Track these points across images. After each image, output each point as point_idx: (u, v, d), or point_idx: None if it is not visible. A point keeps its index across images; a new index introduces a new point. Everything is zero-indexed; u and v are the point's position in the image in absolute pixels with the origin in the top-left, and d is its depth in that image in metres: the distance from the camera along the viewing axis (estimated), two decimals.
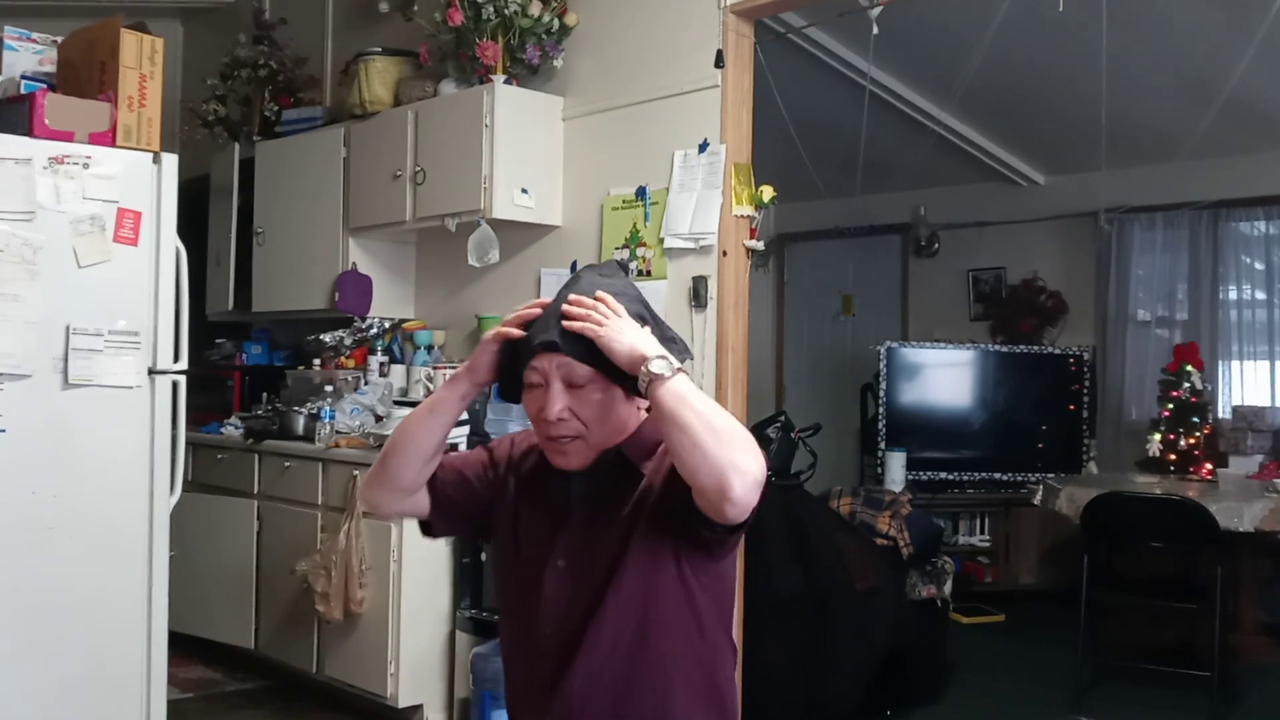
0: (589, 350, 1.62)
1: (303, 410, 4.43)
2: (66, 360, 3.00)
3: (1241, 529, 4.34)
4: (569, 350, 1.62)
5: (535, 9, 4.04)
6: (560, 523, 1.71)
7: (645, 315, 1.69)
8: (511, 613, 1.78)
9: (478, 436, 3.99)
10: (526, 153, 4.13)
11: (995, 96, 5.72)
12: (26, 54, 3.24)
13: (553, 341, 1.63)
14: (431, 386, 4.33)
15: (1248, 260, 6.37)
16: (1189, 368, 5.69)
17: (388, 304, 4.76)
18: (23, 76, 3.18)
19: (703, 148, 3.74)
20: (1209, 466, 5.39)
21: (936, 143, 6.28)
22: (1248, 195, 6.16)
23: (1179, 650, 4.57)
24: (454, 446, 3.96)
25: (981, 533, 6.34)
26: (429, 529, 1.92)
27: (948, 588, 4.42)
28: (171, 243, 3.21)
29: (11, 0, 4.70)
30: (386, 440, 1.84)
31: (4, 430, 2.91)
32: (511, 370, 1.71)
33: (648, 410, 1.71)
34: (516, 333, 1.69)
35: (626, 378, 1.63)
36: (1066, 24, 4.17)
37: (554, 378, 1.64)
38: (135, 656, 3.14)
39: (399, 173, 4.35)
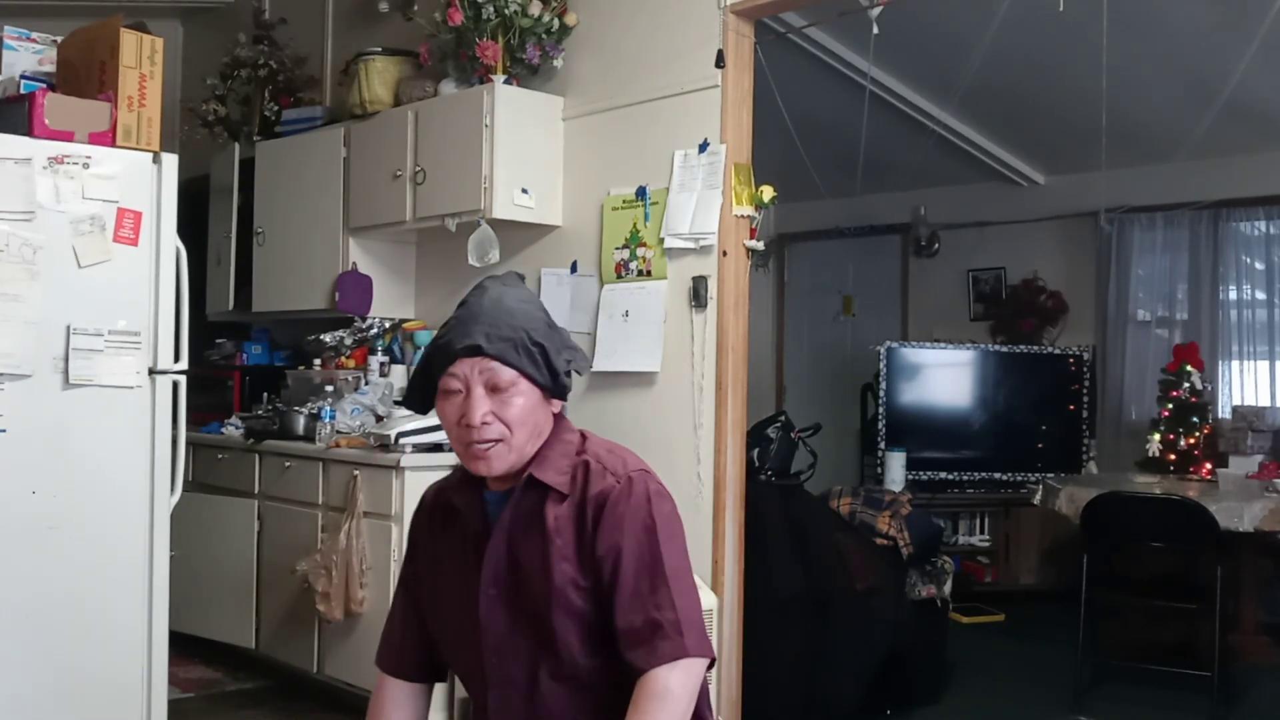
0: (514, 350, 1.63)
1: (303, 410, 4.43)
2: (67, 360, 3.00)
3: (1241, 529, 4.34)
4: (494, 353, 1.62)
5: (535, 9, 4.04)
6: (482, 550, 1.70)
7: (551, 323, 1.71)
8: (452, 644, 1.77)
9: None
10: (526, 153, 4.13)
11: (995, 96, 5.72)
12: (26, 54, 3.24)
13: (476, 345, 1.62)
14: None
15: (1248, 260, 6.37)
16: (1189, 368, 5.69)
17: (388, 304, 4.76)
18: (22, 76, 3.18)
19: (703, 148, 3.74)
20: (1209, 466, 5.39)
21: (936, 143, 6.28)
22: (1248, 195, 6.17)
23: (1179, 650, 4.56)
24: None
25: (981, 533, 6.34)
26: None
27: (948, 588, 4.42)
28: (172, 243, 3.21)
29: (11, 0, 4.70)
30: None
31: (4, 430, 2.91)
32: (422, 376, 1.70)
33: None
34: None
35: (550, 379, 1.66)
36: (1067, 24, 4.17)
37: (475, 383, 1.64)
38: (136, 656, 3.14)
39: (399, 173, 4.35)
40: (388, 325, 4.72)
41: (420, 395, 1.72)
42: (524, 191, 4.11)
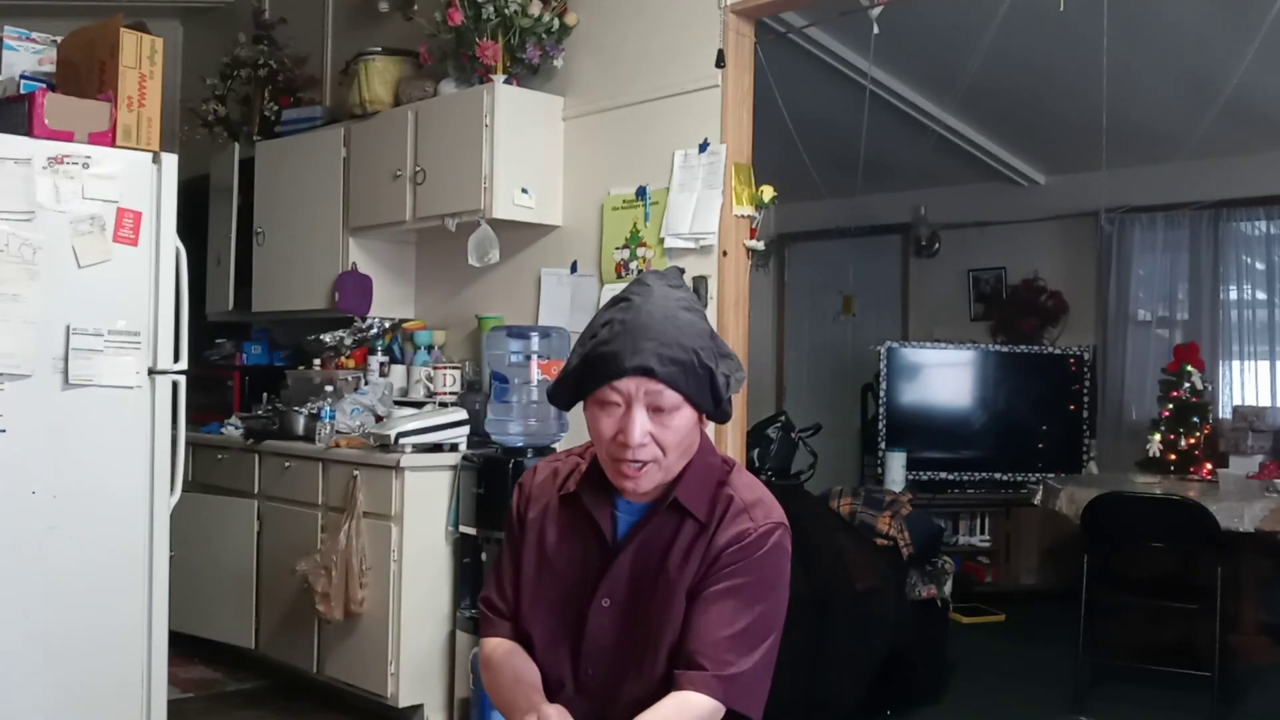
0: (684, 375, 1.57)
1: (303, 410, 4.42)
2: (67, 360, 3.00)
3: (1242, 529, 4.34)
4: (664, 376, 1.56)
5: (535, 9, 4.04)
6: (605, 559, 1.66)
7: (714, 334, 1.66)
8: (546, 639, 1.72)
9: (478, 436, 3.99)
10: (526, 153, 4.13)
11: (995, 96, 5.72)
12: (26, 54, 3.24)
13: (648, 367, 1.55)
14: (431, 386, 4.33)
15: (1248, 260, 6.37)
16: (1189, 368, 5.69)
17: (388, 304, 4.76)
18: (22, 76, 3.18)
19: (703, 148, 3.74)
20: (1209, 466, 5.39)
21: (937, 143, 6.28)
22: (1248, 195, 6.17)
23: (1179, 650, 4.56)
24: (454, 446, 3.96)
25: (981, 533, 6.34)
26: None
27: (948, 588, 4.42)
28: (171, 243, 3.21)
29: (11, 0, 4.70)
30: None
31: (4, 430, 2.91)
32: (578, 379, 1.62)
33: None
34: None
35: (713, 405, 1.61)
36: (1067, 24, 4.17)
37: (638, 401, 1.57)
38: (135, 656, 3.14)
39: (399, 173, 4.34)
40: (388, 325, 4.72)
41: (571, 395, 1.65)
42: (524, 191, 4.11)
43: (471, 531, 3.84)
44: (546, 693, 1.69)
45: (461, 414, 3.99)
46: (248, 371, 5.10)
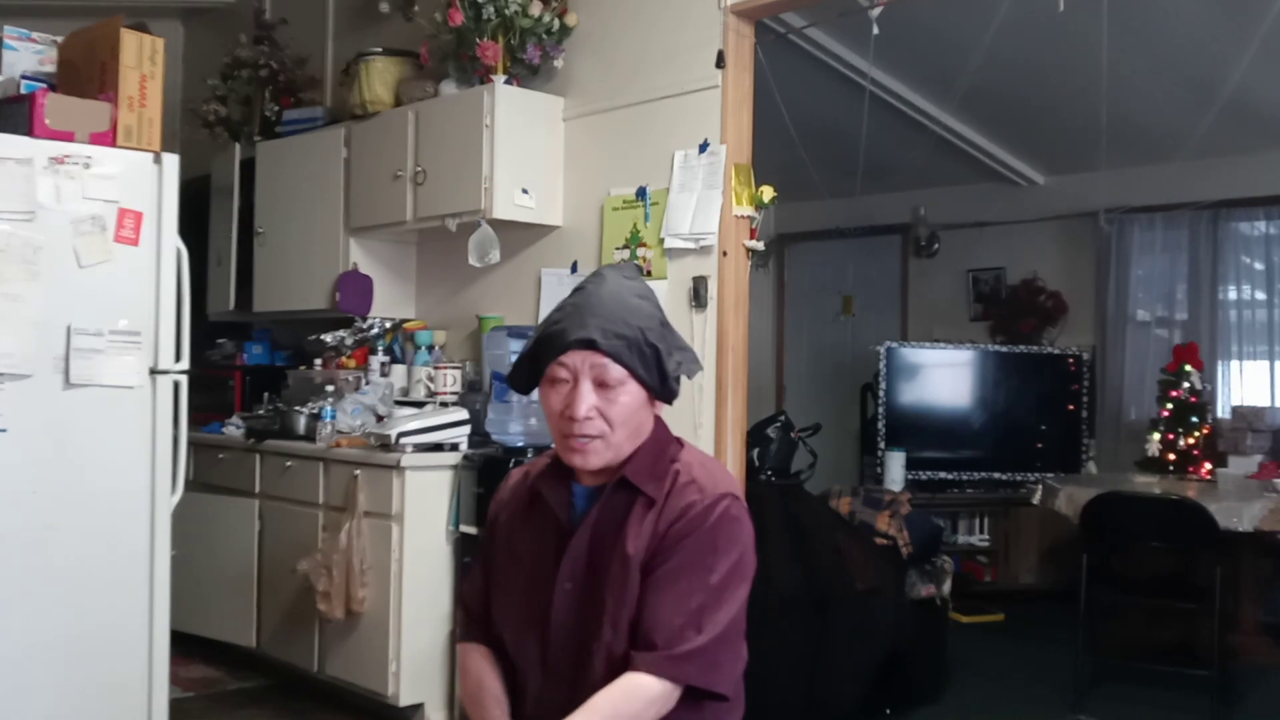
0: (627, 349, 1.61)
1: (304, 410, 4.43)
2: (67, 360, 3.00)
3: (1241, 529, 4.34)
4: (608, 349, 1.61)
5: (536, 9, 4.04)
6: (563, 543, 1.69)
7: (665, 322, 1.70)
8: (514, 629, 1.75)
9: (478, 436, 3.99)
10: (527, 153, 4.13)
11: (995, 97, 5.73)
12: (27, 54, 3.24)
13: (591, 339, 1.61)
14: (432, 386, 4.34)
15: (1247, 260, 6.37)
16: (1188, 368, 5.69)
17: (388, 304, 4.77)
18: (23, 76, 3.18)
19: (703, 148, 3.74)
20: (1208, 466, 5.39)
21: (936, 143, 6.28)
22: (1248, 195, 6.16)
23: (1179, 650, 4.57)
24: (455, 446, 3.96)
25: (981, 532, 6.34)
26: None
27: (947, 587, 4.42)
28: (172, 243, 3.22)
29: (11, 0, 4.70)
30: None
31: (4, 430, 2.91)
32: (530, 359, 1.68)
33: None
34: None
35: (659, 382, 1.64)
36: (1067, 24, 4.17)
37: (584, 375, 1.62)
38: (137, 655, 3.15)
39: (399, 173, 4.35)
40: (388, 325, 4.73)
41: (525, 377, 1.71)
42: (524, 191, 4.11)
43: (472, 531, 3.84)
44: (519, 683, 1.73)
45: (462, 414, 4.00)
46: (249, 371, 5.11)
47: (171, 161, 3.20)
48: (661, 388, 1.67)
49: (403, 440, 3.87)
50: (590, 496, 1.71)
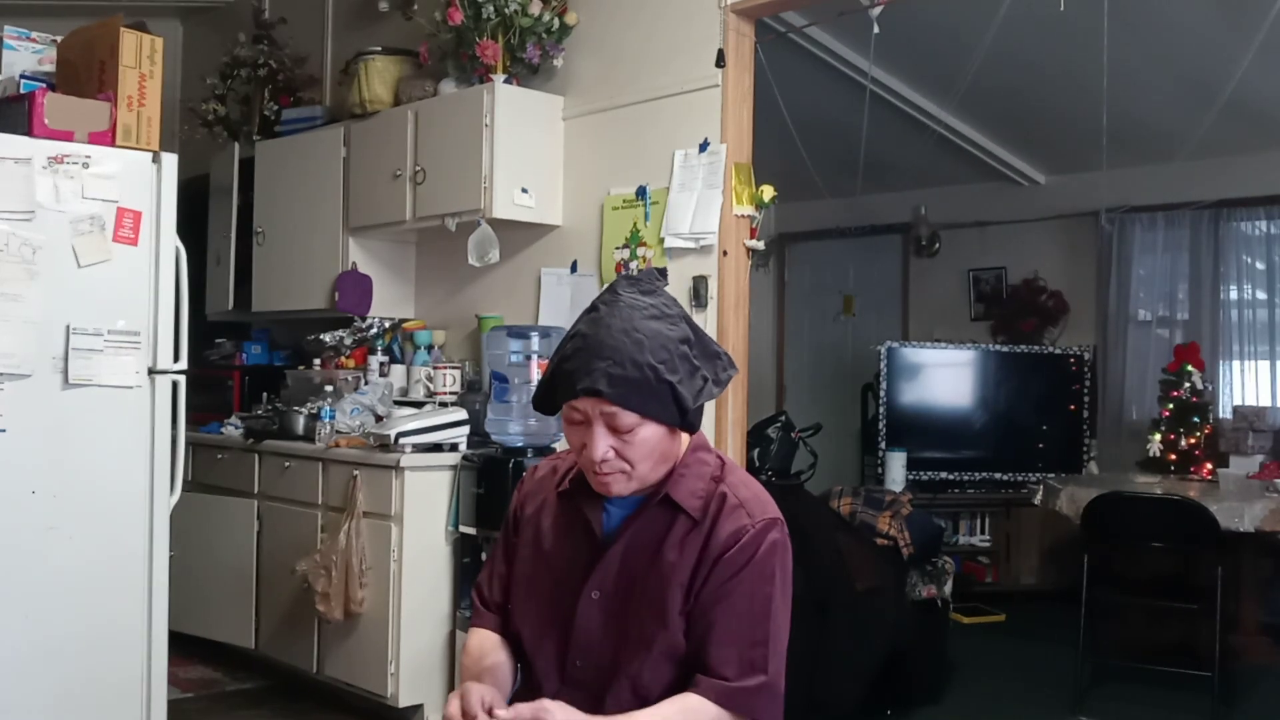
0: (637, 393, 1.55)
1: (303, 410, 4.42)
2: (66, 360, 2.99)
3: (1242, 529, 4.34)
4: (615, 398, 1.55)
5: (535, 8, 4.04)
6: (595, 551, 1.68)
7: (686, 340, 1.64)
8: (535, 631, 1.73)
9: (478, 436, 3.99)
10: (526, 152, 4.13)
11: (996, 96, 5.72)
12: (26, 53, 3.24)
13: (596, 389, 1.55)
14: (431, 386, 4.33)
15: (1248, 260, 6.37)
16: (1189, 368, 5.69)
17: (388, 304, 4.76)
18: (22, 76, 3.18)
19: (703, 147, 3.74)
20: (1209, 466, 5.39)
21: (937, 142, 6.28)
22: (1248, 195, 6.17)
23: (1179, 650, 4.56)
24: (454, 446, 3.96)
25: (982, 533, 6.34)
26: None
27: (948, 587, 4.42)
28: (171, 242, 3.21)
29: (11, 0, 4.70)
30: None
31: (4, 430, 2.91)
32: (550, 390, 1.64)
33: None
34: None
35: (678, 416, 1.60)
36: (1067, 23, 4.17)
37: (596, 420, 1.58)
38: (135, 656, 3.14)
39: (399, 172, 4.34)
40: (387, 325, 4.72)
41: (548, 404, 1.66)
42: (524, 191, 4.11)
43: (471, 531, 3.84)
44: (534, 685, 1.71)
45: (461, 414, 3.99)
46: (247, 371, 5.10)
47: (170, 161, 3.20)
48: (682, 421, 1.61)
49: (402, 440, 3.86)
50: (627, 508, 1.68)
